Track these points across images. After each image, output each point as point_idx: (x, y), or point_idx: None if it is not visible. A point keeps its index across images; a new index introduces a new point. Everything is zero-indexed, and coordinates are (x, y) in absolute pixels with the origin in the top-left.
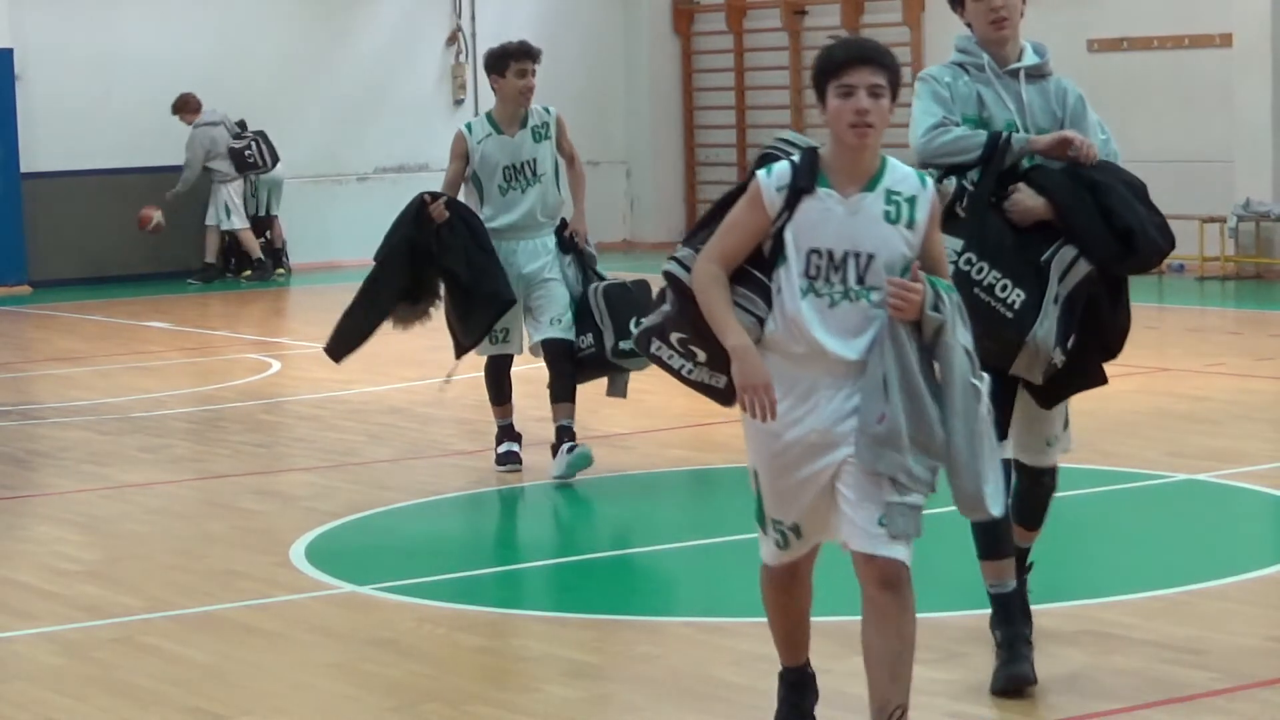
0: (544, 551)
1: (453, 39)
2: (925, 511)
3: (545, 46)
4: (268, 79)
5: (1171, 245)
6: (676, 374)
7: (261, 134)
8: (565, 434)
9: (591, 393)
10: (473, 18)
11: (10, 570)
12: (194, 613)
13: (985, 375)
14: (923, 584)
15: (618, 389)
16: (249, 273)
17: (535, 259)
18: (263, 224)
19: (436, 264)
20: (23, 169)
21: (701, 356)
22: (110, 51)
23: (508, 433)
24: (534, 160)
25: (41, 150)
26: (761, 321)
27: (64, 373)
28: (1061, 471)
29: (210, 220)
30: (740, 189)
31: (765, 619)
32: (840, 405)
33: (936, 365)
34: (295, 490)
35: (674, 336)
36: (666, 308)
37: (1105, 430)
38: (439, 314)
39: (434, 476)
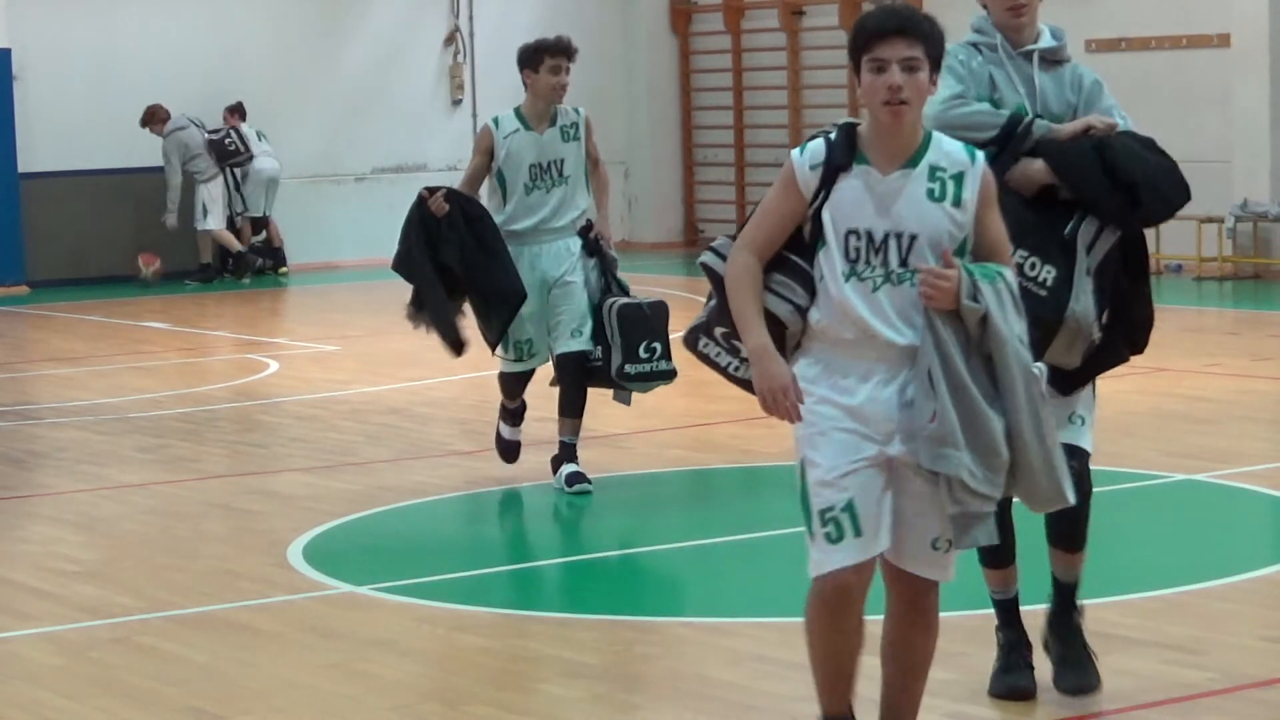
0: (542, 552)
1: (451, 39)
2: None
3: None
4: (266, 79)
5: (1184, 196)
6: (724, 372)
7: (235, 128)
8: (568, 452)
9: (592, 392)
10: (471, 18)
11: (8, 570)
12: (192, 613)
13: (1042, 365)
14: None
15: (622, 397)
16: (248, 279)
17: (559, 263)
18: (258, 224)
19: (435, 260)
20: (20, 169)
21: (746, 352)
22: (108, 52)
23: (515, 415)
24: (561, 160)
25: (39, 151)
26: (802, 311)
27: (62, 373)
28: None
29: (201, 224)
30: None
31: (809, 657)
32: (896, 394)
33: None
34: (293, 490)
35: (718, 331)
36: (712, 302)
37: (1103, 430)
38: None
39: (432, 476)
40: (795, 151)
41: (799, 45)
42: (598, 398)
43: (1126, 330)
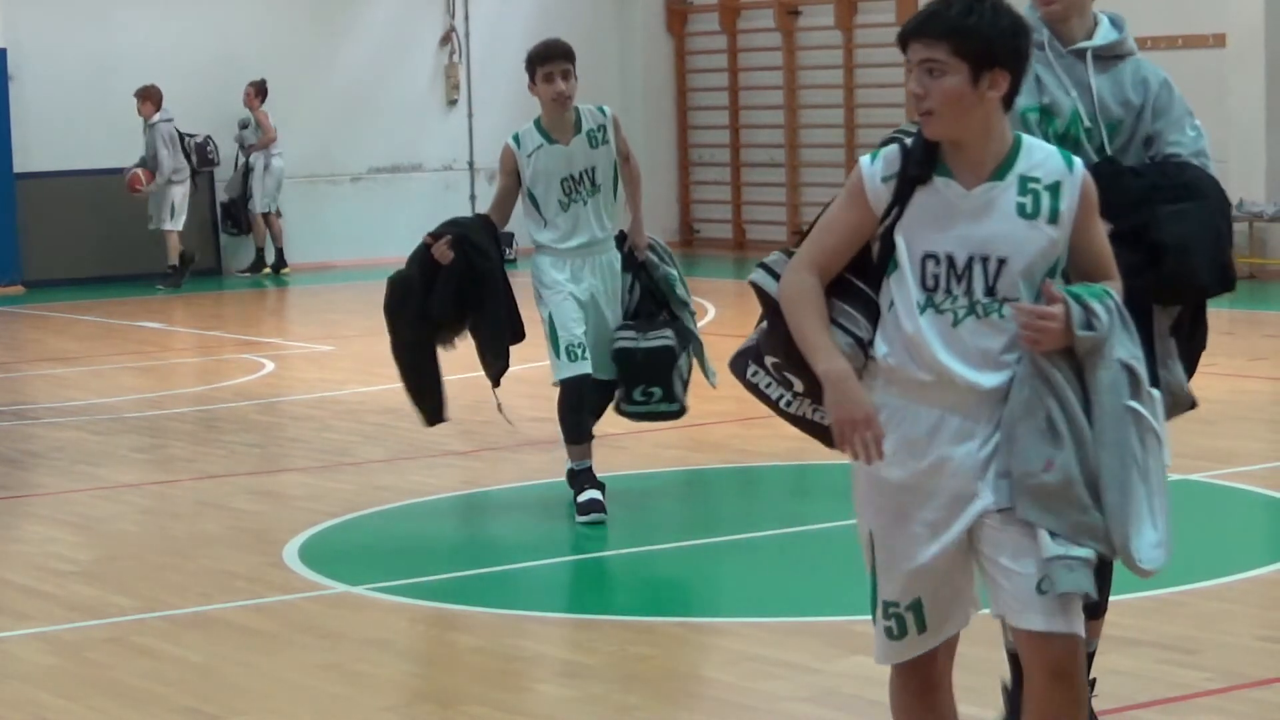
0: (538, 552)
1: (446, 39)
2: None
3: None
4: (262, 79)
5: (1223, 286)
6: (775, 406)
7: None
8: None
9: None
10: (466, 18)
11: (3, 570)
12: (187, 613)
13: (1155, 392)
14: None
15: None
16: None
17: (606, 280)
18: (267, 220)
19: (427, 315)
20: (16, 169)
21: (799, 385)
22: (104, 51)
23: (588, 476)
24: (593, 169)
25: (35, 150)
26: (864, 345)
27: (58, 373)
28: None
29: (166, 224)
30: None
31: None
32: (976, 448)
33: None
34: (289, 490)
35: (769, 361)
36: (763, 325)
37: None
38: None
39: (428, 477)
40: (866, 159)
41: (794, 46)
42: None
43: (1186, 363)
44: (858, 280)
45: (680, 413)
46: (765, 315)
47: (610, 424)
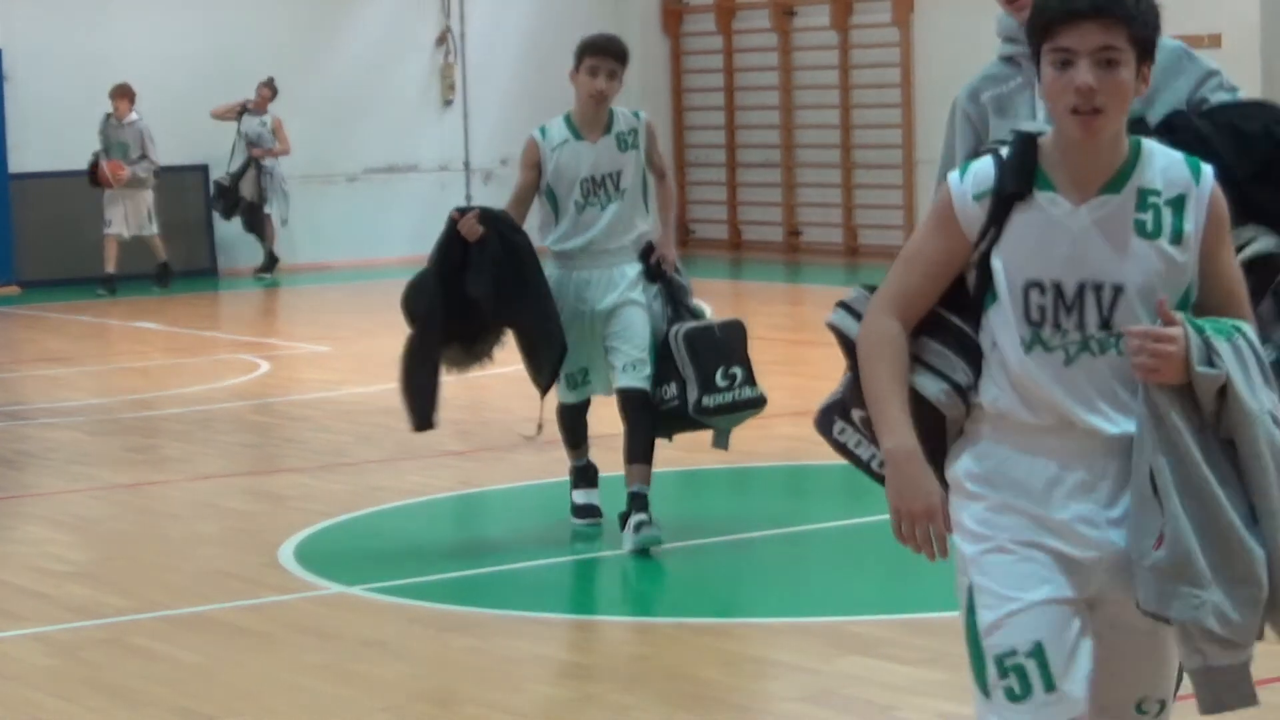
0: (533, 552)
1: (442, 39)
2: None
3: (534, 47)
4: (257, 79)
5: None
6: (866, 467)
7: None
8: (636, 502)
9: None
10: (462, 18)
11: None
12: (183, 613)
13: None
14: (911, 583)
15: (720, 441)
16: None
17: (609, 292)
18: (260, 222)
19: (462, 292)
20: (10, 169)
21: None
22: (98, 52)
23: (584, 475)
24: (618, 173)
25: (30, 150)
26: (962, 391)
27: (53, 373)
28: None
29: (122, 229)
30: None
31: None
32: (1103, 505)
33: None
34: (285, 491)
35: (856, 414)
36: (848, 375)
37: None
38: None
39: (424, 477)
40: (954, 175)
41: (790, 46)
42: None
43: None
44: (953, 316)
45: (763, 402)
46: (849, 364)
47: (606, 425)
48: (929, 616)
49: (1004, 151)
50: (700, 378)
